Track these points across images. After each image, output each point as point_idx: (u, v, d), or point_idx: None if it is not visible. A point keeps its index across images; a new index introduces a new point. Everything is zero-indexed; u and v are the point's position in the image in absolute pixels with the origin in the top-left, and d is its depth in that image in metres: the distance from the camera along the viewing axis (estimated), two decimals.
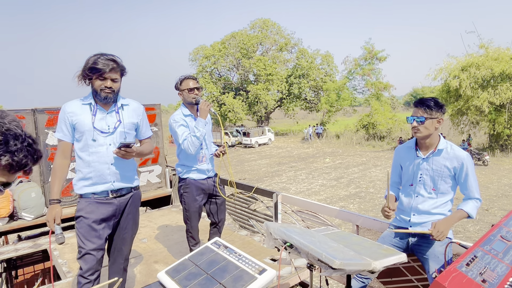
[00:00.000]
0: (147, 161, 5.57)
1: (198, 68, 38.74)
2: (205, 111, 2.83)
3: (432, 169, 2.23)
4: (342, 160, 21.47)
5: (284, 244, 1.82)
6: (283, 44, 38.85)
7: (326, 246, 1.74)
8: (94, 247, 2.14)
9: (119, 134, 2.22)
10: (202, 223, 3.81)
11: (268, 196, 3.95)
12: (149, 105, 5.55)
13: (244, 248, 3.68)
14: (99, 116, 2.17)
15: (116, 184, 2.23)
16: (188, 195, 2.98)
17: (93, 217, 2.15)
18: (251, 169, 19.72)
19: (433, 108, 2.17)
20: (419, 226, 2.26)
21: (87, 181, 2.18)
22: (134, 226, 2.41)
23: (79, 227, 2.16)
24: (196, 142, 2.78)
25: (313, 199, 12.28)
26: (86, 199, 2.18)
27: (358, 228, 3.02)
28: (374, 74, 32.30)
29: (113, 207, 2.23)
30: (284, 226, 2.01)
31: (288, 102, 38.66)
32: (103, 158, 2.17)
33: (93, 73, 2.06)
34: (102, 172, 2.18)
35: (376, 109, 29.85)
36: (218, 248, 1.92)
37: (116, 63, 2.11)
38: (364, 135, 30.59)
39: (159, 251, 3.72)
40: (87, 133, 2.14)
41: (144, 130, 2.45)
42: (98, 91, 2.11)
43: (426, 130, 2.19)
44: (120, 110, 2.26)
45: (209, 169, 3.05)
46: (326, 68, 37.89)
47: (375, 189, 13.58)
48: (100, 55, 2.09)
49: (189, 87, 2.87)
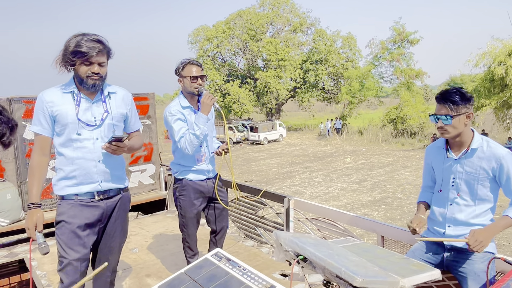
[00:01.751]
0: (138, 159, 5.61)
1: (199, 52, 38.86)
2: (207, 105, 2.81)
3: (465, 171, 2.19)
4: (366, 160, 21.36)
5: (296, 257, 1.81)
6: (297, 24, 38.70)
7: (346, 260, 1.72)
8: (77, 256, 2.15)
9: (107, 127, 2.22)
10: (201, 232, 3.82)
11: (279, 201, 3.94)
12: (141, 94, 5.58)
13: (250, 261, 3.68)
14: (84, 106, 2.17)
15: (104, 185, 2.24)
16: (185, 199, 2.99)
17: (77, 222, 2.15)
18: (259, 170, 19.73)
19: (459, 103, 2.10)
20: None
21: (69, 181, 2.18)
22: (123, 233, 2.42)
23: (60, 234, 2.16)
24: (195, 141, 2.78)
25: (330, 205, 12.25)
26: (68, 202, 2.18)
27: (384, 239, 3.00)
28: (405, 60, 31.98)
29: (99, 211, 2.23)
30: (297, 236, 2.00)
31: (303, 92, 38.56)
32: (89, 155, 2.17)
33: (77, 58, 2.05)
34: (88, 170, 2.18)
35: (406, 100, 29.58)
36: (220, 261, 1.92)
37: (102, 44, 2.10)
38: (391, 131, 30.37)
39: (152, 263, 3.74)
40: (70, 126, 2.13)
41: (133, 122, 2.45)
42: (84, 78, 2.10)
43: (454, 130, 2.14)
44: (107, 99, 2.26)
45: (209, 169, 3.05)
46: (347, 52, 37.66)
47: (404, 195, 13.48)
48: (82, 35, 2.07)
49: (192, 75, 2.86)
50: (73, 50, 2.04)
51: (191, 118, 2.89)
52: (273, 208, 4.32)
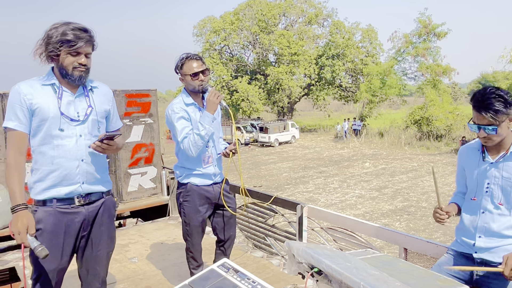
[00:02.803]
0: (138, 161, 5.66)
1: (205, 45, 39.03)
2: (213, 103, 2.82)
3: (503, 177, 2.17)
4: (387, 165, 21.23)
5: (310, 269, 1.81)
6: (312, 16, 38.67)
7: (365, 274, 1.72)
8: (53, 267, 2.16)
9: (91, 123, 2.23)
10: (206, 241, 3.84)
11: (291, 208, 3.94)
12: (143, 90, 5.63)
13: (259, 273, 3.68)
14: (66, 100, 2.16)
15: (85, 187, 2.22)
16: (189, 205, 3.00)
17: (56, 230, 2.16)
18: (269, 174, 19.72)
19: (503, 111, 2.06)
20: (487, 253, 2.20)
21: (47, 182, 2.16)
22: (110, 240, 2.41)
23: None
24: (199, 142, 2.79)
25: (347, 214, 12.20)
26: (45, 208, 2.16)
27: (407, 252, 2.99)
28: (431, 55, 31.76)
29: (80, 218, 2.22)
30: (311, 246, 2.00)
31: (318, 89, 38.48)
32: (71, 153, 2.16)
33: (64, 47, 2.05)
34: (70, 171, 2.17)
35: (432, 99, 29.34)
36: (227, 272, 1.93)
37: (89, 34, 2.13)
38: (415, 133, 30.16)
39: (153, 274, 3.76)
40: (51, 121, 2.12)
41: (115, 120, 2.47)
42: (70, 70, 2.10)
43: (499, 137, 2.12)
44: (90, 93, 2.27)
45: (216, 172, 3.05)
46: (367, 46, 37.51)
47: (429, 203, 13.36)
48: (66, 24, 2.08)
49: (193, 72, 2.87)
50: (60, 39, 2.04)
51: (195, 116, 2.90)
52: (285, 216, 4.32)
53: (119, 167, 5.50)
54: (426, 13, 31.52)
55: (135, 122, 5.57)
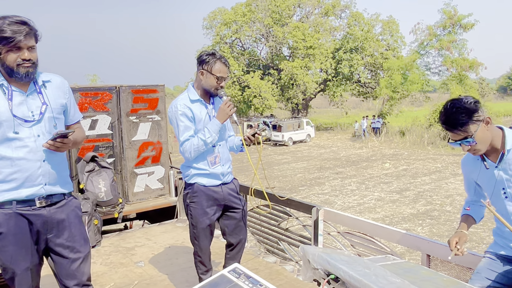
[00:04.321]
0: (145, 160, 5.69)
1: (215, 38, 39.16)
2: (225, 114, 2.87)
3: (511, 176, 2.21)
4: (408, 165, 21.06)
5: (327, 276, 1.80)
6: (329, 7, 38.51)
7: (385, 282, 1.70)
8: (26, 266, 2.23)
9: (47, 121, 2.25)
10: (216, 245, 3.85)
11: (306, 211, 3.93)
12: (150, 86, 5.67)
13: (272, 279, 3.68)
14: (18, 100, 2.18)
15: (48, 188, 2.25)
16: (196, 207, 3.01)
17: (20, 231, 2.19)
18: (282, 175, 19.72)
19: (468, 121, 2.13)
20: None
21: (7, 185, 2.17)
22: (84, 241, 2.44)
23: (2, 246, 2.19)
24: (201, 148, 2.84)
25: (366, 217, 12.14)
26: (4, 210, 2.18)
27: (430, 258, 2.97)
28: (456, 48, 31.43)
29: (42, 220, 2.25)
30: (328, 252, 1.99)
31: (335, 85, 38.31)
32: (32, 154, 2.19)
33: (2, 45, 2.06)
34: (31, 172, 2.19)
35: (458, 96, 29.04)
36: (238, 278, 1.93)
37: (28, 26, 2.12)
38: (439, 132, 29.82)
39: (159, 279, 3.79)
40: (5, 124, 2.13)
41: (73, 113, 2.48)
42: (15, 68, 2.11)
43: (484, 143, 2.18)
44: (43, 89, 2.28)
45: (224, 172, 3.06)
46: (388, 39, 37.21)
47: (454, 207, 13.23)
48: (2, 18, 2.08)
49: (220, 75, 2.90)
50: None
51: (200, 113, 2.93)
52: (299, 219, 4.31)
53: (125, 167, 5.54)
54: (451, 3, 31.21)
55: (142, 119, 5.61)
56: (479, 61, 31.03)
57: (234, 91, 36.68)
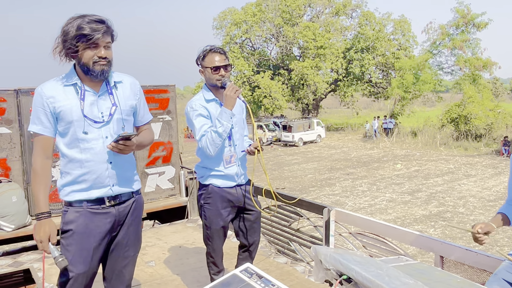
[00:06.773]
0: (156, 160, 5.73)
1: (225, 38, 39.21)
2: (231, 98, 2.82)
3: None
4: (420, 166, 20.91)
5: (339, 276, 1.80)
6: (340, 6, 38.38)
7: (399, 283, 1.70)
8: (84, 270, 2.20)
9: (116, 123, 2.26)
10: (227, 245, 3.85)
11: (317, 211, 3.92)
12: (161, 86, 5.70)
13: (283, 280, 3.68)
14: (89, 100, 2.20)
15: (115, 189, 2.28)
16: (211, 208, 3.02)
17: (86, 232, 2.21)
18: (292, 176, 19.69)
19: None
20: None
21: (78, 186, 2.22)
22: (137, 242, 2.46)
23: (67, 245, 2.21)
24: (217, 140, 2.80)
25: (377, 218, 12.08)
26: (75, 208, 2.23)
27: (443, 260, 2.94)
28: (469, 47, 31.13)
29: (111, 219, 2.28)
30: (340, 252, 1.99)
31: (346, 85, 38.17)
32: (100, 156, 2.21)
33: (81, 42, 2.07)
34: (100, 174, 2.22)
35: (471, 96, 28.76)
36: (250, 278, 1.93)
37: (106, 24, 2.14)
38: (452, 132, 29.63)
39: (170, 279, 3.81)
40: (76, 124, 2.16)
41: (143, 114, 2.49)
42: (91, 65, 2.12)
43: None
44: (114, 89, 2.29)
45: (239, 173, 3.06)
46: (400, 39, 36.97)
47: (467, 209, 13.11)
48: (81, 17, 2.10)
49: (214, 65, 2.89)
50: (76, 34, 2.06)
51: (216, 112, 2.91)
52: (310, 220, 4.30)
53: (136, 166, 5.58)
54: (464, 2, 30.90)
55: (153, 119, 5.62)
56: (492, 61, 30.71)
57: (244, 91, 36.71)
